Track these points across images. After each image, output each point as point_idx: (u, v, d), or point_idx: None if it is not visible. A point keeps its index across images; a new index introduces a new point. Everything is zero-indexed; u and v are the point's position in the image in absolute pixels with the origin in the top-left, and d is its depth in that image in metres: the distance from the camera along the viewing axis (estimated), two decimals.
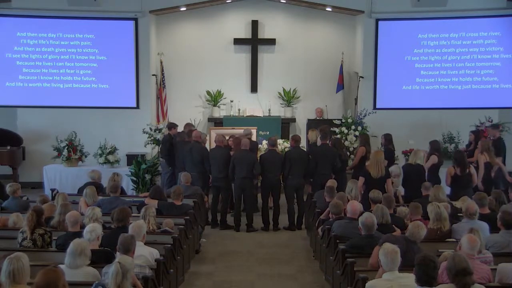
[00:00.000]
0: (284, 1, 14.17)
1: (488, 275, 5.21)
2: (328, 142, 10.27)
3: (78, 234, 5.83)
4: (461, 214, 7.22)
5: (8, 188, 8.47)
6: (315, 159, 9.97)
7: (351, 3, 13.40)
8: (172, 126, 11.37)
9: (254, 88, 14.42)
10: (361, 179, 8.77)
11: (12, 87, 13.22)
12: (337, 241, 6.73)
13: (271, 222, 10.09)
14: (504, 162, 10.38)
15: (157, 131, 12.18)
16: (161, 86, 13.81)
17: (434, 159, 9.65)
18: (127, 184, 11.43)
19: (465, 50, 13.25)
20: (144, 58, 13.29)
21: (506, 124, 12.26)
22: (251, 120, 13.51)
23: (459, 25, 13.18)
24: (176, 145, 10.78)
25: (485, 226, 6.60)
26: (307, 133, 12.40)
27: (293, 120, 14.27)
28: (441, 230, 6.58)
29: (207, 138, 11.68)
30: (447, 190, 9.00)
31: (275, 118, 14.07)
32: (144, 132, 12.22)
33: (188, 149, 10.31)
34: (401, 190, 9.47)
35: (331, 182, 8.90)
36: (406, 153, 11.82)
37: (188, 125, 11.38)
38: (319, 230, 7.79)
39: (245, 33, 14.35)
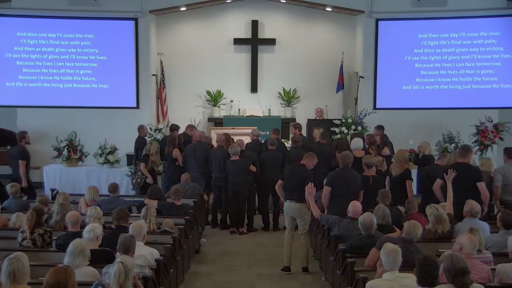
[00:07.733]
0: (284, 1, 14.17)
1: (488, 275, 5.20)
2: (326, 142, 10.27)
3: (78, 234, 5.81)
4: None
5: (9, 188, 8.46)
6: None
7: (351, 3, 13.40)
8: (175, 128, 11.24)
9: (254, 88, 14.43)
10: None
11: (12, 87, 13.23)
12: (337, 241, 6.73)
13: (271, 222, 10.10)
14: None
15: (157, 131, 12.16)
16: (161, 86, 13.82)
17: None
18: (127, 184, 11.42)
19: (465, 50, 13.25)
20: (144, 58, 13.30)
21: (506, 124, 12.24)
22: (251, 120, 13.51)
23: (459, 25, 13.19)
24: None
25: (485, 226, 6.59)
26: (308, 132, 12.45)
27: (293, 120, 14.21)
28: (441, 232, 6.56)
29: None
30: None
31: (275, 118, 14.05)
32: None
33: (191, 149, 10.30)
34: None
35: None
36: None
37: (190, 127, 11.36)
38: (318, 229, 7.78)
39: (245, 33, 14.35)
